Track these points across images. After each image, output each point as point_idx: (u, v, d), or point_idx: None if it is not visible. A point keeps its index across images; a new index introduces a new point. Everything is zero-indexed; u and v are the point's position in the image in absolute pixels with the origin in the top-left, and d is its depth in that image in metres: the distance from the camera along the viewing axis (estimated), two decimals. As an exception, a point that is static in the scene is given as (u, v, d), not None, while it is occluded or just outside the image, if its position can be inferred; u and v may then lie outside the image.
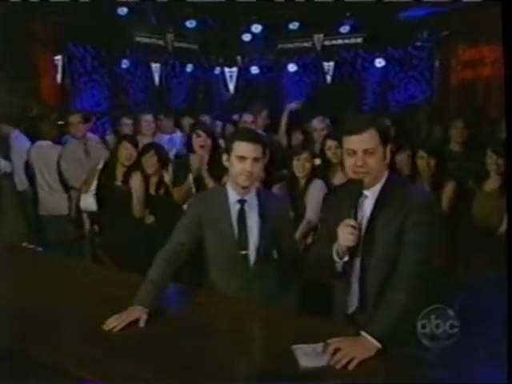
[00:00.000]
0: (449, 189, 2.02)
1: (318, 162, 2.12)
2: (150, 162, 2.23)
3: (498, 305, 1.11)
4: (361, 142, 1.11)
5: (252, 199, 1.38)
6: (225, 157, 1.37)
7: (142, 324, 1.17)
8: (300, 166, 2.10)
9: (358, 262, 1.15)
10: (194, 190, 2.15)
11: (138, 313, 1.18)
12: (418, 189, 1.57)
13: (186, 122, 3.09)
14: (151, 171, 2.25)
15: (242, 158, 1.31)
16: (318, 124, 2.65)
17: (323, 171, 2.14)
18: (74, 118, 2.63)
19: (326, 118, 2.68)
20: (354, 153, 1.11)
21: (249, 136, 1.35)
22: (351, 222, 1.09)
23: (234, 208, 1.36)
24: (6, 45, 2.96)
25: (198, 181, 2.15)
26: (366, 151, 1.11)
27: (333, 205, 1.22)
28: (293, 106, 3.09)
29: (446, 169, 2.11)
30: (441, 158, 2.09)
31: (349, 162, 1.13)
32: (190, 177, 2.14)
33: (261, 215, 1.37)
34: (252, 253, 1.36)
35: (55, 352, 1.09)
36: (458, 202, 2.01)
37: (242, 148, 1.31)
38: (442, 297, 1.12)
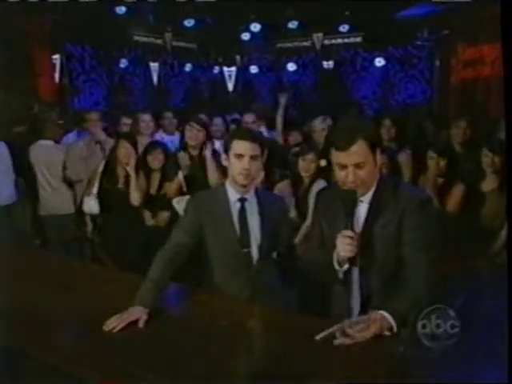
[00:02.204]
0: (457, 191, 1.99)
1: (323, 163, 2.09)
2: (158, 159, 2.24)
3: (498, 305, 1.11)
4: (350, 156, 1.09)
5: (252, 198, 1.38)
6: (223, 156, 1.38)
7: (141, 325, 1.16)
8: (305, 166, 2.10)
9: (355, 269, 1.15)
10: (184, 187, 2.16)
11: (138, 313, 1.18)
12: (411, 188, 1.54)
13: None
14: (157, 167, 2.24)
15: (239, 156, 1.32)
16: (319, 124, 2.59)
17: (328, 173, 2.13)
18: (92, 115, 2.64)
19: (328, 118, 2.63)
20: (344, 167, 1.10)
21: (246, 134, 1.36)
22: (349, 233, 1.08)
23: (235, 206, 1.36)
24: (4, 44, 2.95)
25: (188, 178, 2.15)
26: (356, 165, 1.09)
27: (325, 208, 1.21)
28: (284, 98, 3.02)
29: (457, 169, 2.07)
30: (451, 159, 2.06)
31: (339, 174, 1.11)
32: (180, 174, 2.13)
33: (261, 213, 1.37)
34: (254, 251, 1.37)
35: (55, 352, 1.09)
36: (461, 203, 2.00)
37: (239, 146, 1.32)
38: (443, 297, 1.12)
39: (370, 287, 1.15)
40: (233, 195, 1.37)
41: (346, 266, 1.11)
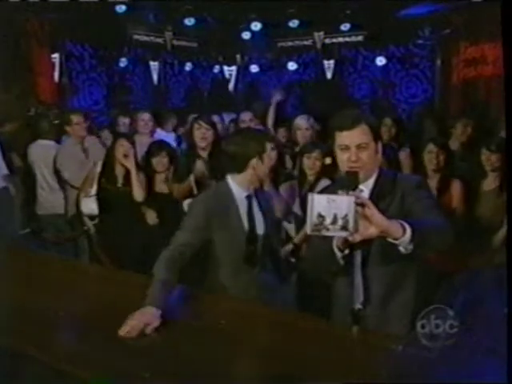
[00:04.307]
0: (456, 188, 1.99)
1: (328, 161, 2.04)
2: (162, 162, 2.23)
3: (498, 304, 1.10)
4: (353, 137, 1.12)
5: (253, 195, 1.39)
6: (254, 160, 1.38)
7: (148, 331, 1.11)
8: (310, 164, 2.07)
9: (358, 253, 1.15)
10: (195, 190, 2.14)
11: (151, 315, 1.13)
12: (408, 175, 1.67)
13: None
14: (161, 170, 2.24)
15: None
16: (302, 123, 2.49)
17: (333, 171, 2.11)
18: (77, 118, 2.58)
19: (311, 117, 2.55)
20: (347, 148, 1.13)
21: (271, 136, 1.41)
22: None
23: (243, 204, 1.37)
24: (3, 43, 2.94)
25: (200, 182, 2.14)
26: (358, 146, 1.12)
27: None
28: (278, 96, 3.02)
29: (454, 165, 2.08)
30: (449, 154, 2.06)
31: (342, 157, 1.14)
32: (192, 177, 2.11)
33: (262, 211, 1.38)
34: (259, 248, 1.37)
35: (54, 352, 1.09)
36: (460, 202, 2.00)
37: (270, 148, 1.39)
38: (442, 296, 1.11)
39: (374, 274, 1.14)
40: (239, 193, 1.37)
41: (347, 251, 1.11)
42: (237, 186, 1.37)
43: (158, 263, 1.27)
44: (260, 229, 1.37)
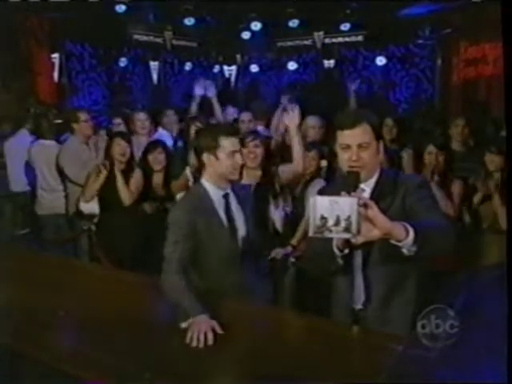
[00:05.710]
0: (457, 187, 2.00)
1: (323, 163, 2.04)
2: (159, 159, 2.23)
3: (498, 305, 1.10)
4: (355, 136, 1.12)
5: (230, 190, 1.38)
6: (205, 155, 1.34)
7: (211, 342, 1.09)
8: (306, 162, 2.02)
9: (359, 254, 1.15)
10: (191, 182, 2.14)
11: (207, 323, 1.12)
12: (409, 174, 1.65)
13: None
14: (159, 168, 2.24)
15: (233, 153, 1.33)
16: (315, 121, 2.51)
17: (328, 174, 2.07)
18: (84, 115, 2.55)
19: (320, 118, 2.55)
20: (348, 147, 1.12)
21: (234, 130, 1.36)
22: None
23: (220, 204, 1.35)
24: (3, 43, 2.95)
25: (196, 177, 2.15)
26: (360, 146, 1.12)
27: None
28: (286, 99, 3.02)
29: (454, 166, 2.08)
30: (450, 155, 2.06)
31: (343, 156, 1.14)
32: (188, 170, 2.11)
33: (239, 203, 1.38)
34: (242, 247, 1.37)
35: (54, 352, 1.09)
36: (461, 202, 2.00)
37: (231, 143, 1.33)
38: (443, 296, 1.11)
39: (374, 274, 1.14)
40: (216, 193, 1.35)
41: (347, 251, 1.10)
42: (211, 185, 1.35)
43: (171, 286, 1.22)
44: (241, 226, 1.36)
